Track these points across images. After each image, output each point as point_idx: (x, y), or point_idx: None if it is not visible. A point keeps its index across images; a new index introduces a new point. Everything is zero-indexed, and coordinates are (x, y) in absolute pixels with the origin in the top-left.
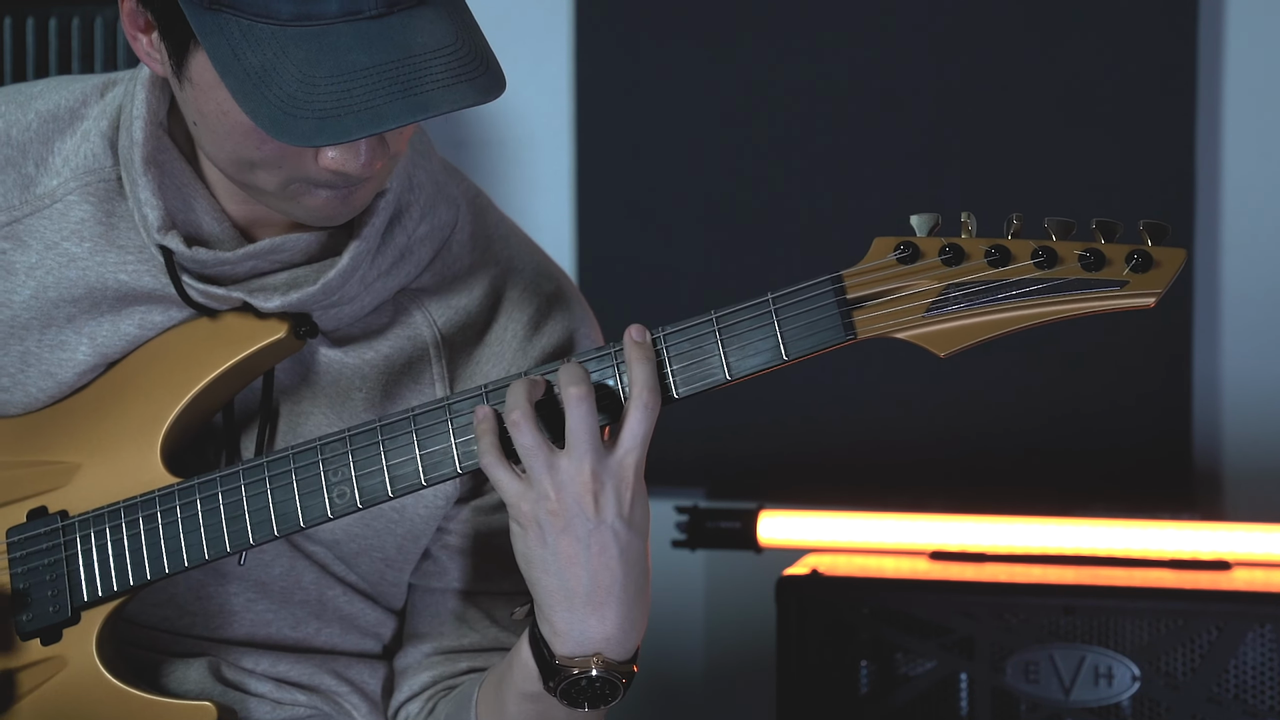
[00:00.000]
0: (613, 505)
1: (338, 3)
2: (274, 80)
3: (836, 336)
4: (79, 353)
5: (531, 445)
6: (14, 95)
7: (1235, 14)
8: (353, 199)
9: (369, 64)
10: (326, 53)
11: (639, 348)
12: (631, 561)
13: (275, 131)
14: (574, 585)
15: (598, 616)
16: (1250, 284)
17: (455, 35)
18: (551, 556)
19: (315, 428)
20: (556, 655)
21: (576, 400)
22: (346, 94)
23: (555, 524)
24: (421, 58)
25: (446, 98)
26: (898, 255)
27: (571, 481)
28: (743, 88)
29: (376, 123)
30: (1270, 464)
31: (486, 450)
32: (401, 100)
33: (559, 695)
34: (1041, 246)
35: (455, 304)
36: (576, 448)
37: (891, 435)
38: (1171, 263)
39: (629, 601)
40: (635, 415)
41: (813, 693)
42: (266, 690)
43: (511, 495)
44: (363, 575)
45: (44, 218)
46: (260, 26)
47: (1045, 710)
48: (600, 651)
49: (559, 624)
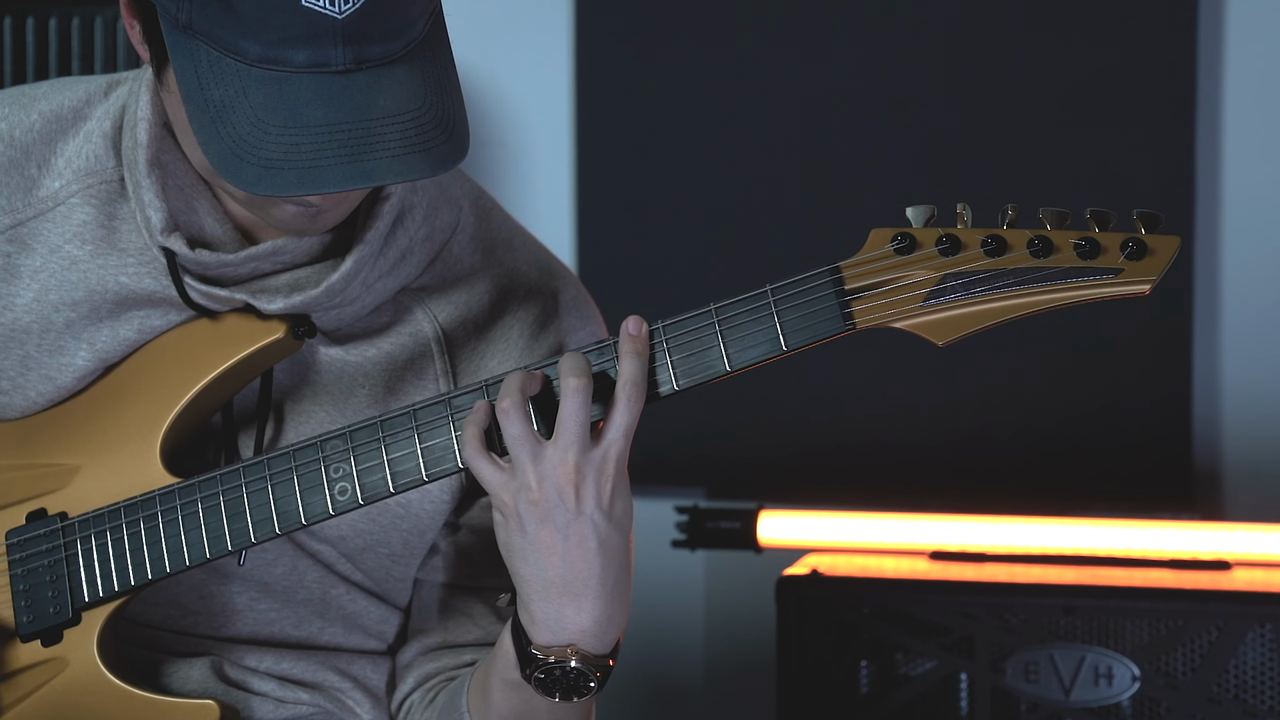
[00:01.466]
0: (592, 497)
1: (305, 53)
2: (230, 118)
3: (835, 327)
4: (78, 358)
5: (519, 435)
6: (17, 96)
7: (1235, 14)
8: (321, 219)
9: (322, 121)
10: (284, 101)
11: (632, 341)
12: (610, 554)
13: (221, 170)
14: (551, 575)
15: (574, 607)
16: (1250, 284)
17: (423, 99)
18: (530, 546)
19: (318, 426)
20: (533, 644)
21: (573, 391)
22: (294, 148)
23: (535, 514)
24: (378, 121)
25: (392, 168)
26: (895, 246)
27: (554, 472)
28: (743, 88)
29: (317, 184)
30: (1270, 464)
31: (468, 440)
32: (347, 165)
33: (533, 684)
34: (1037, 236)
35: (457, 300)
36: (563, 438)
37: (891, 435)
38: (1166, 250)
39: (606, 595)
40: (620, 409)
41: (813, 693)
42: (269, 689)
43: (493, 485)
44: (368, 572)
45: (47, 220)
46: (227, 61)
47: (1045, 710)
48: (575, 643)
49: (536, 613)
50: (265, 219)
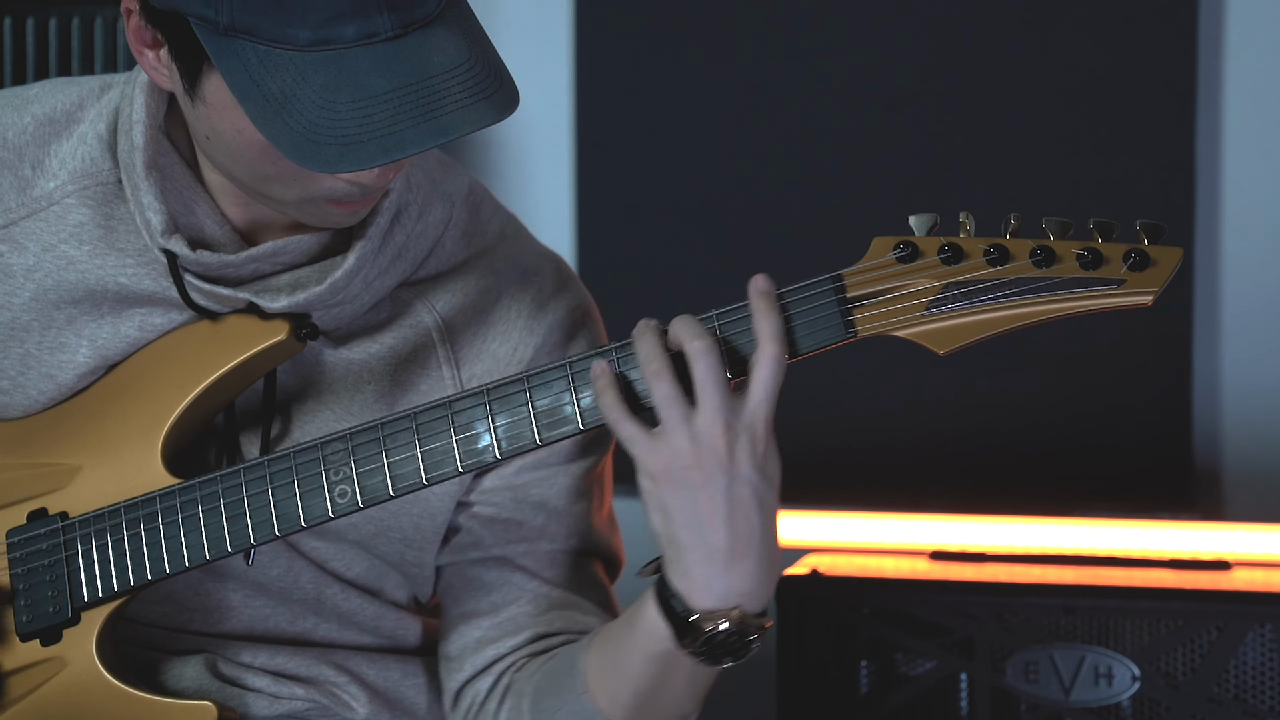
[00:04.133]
0: (748, 458)
1: (354, 27)
2: (294, 107)
3: (837, 335)
4: (79, 355)
5: (672, 396)
6: (10, 99)
7: (1235, 14)
8: (361, 211)
9: (388, 88)
10: (346, 78)
11: (765, 298)
12: (768, 514)
13: (297, 157)
14: (715, 539)
15: (739, 570)
16: (1250, 284)
17: (469, 52)
18: (690, 511)
19: (324, 426)
20: (696, 610)
21: (703, 353)
22: (368, 120)
23: (694, 478)
24: (439, 79)
25: (466, 119)
26: (897, 254)
27: (706, 434)
28: (743, 88)
29: (399, 148)
30: (1270, 464)
31: (611, 405)
32: (423, 124)
33: (695, 652)
34: (1040, 245)
35: (453, 289)
36: (709, 400)
37: (891, 435)
38: (1168, 261)
39: (767, 554)
40: (764, 366)
41: (813, 693)
42: (264, 685)
43: (642, 451)
44: (383, 556)
45: (40, 220)
46: (277, 53)
47: (1045, 710)
48: (740, 605)
49: (699, 579)
50: (306, 220)
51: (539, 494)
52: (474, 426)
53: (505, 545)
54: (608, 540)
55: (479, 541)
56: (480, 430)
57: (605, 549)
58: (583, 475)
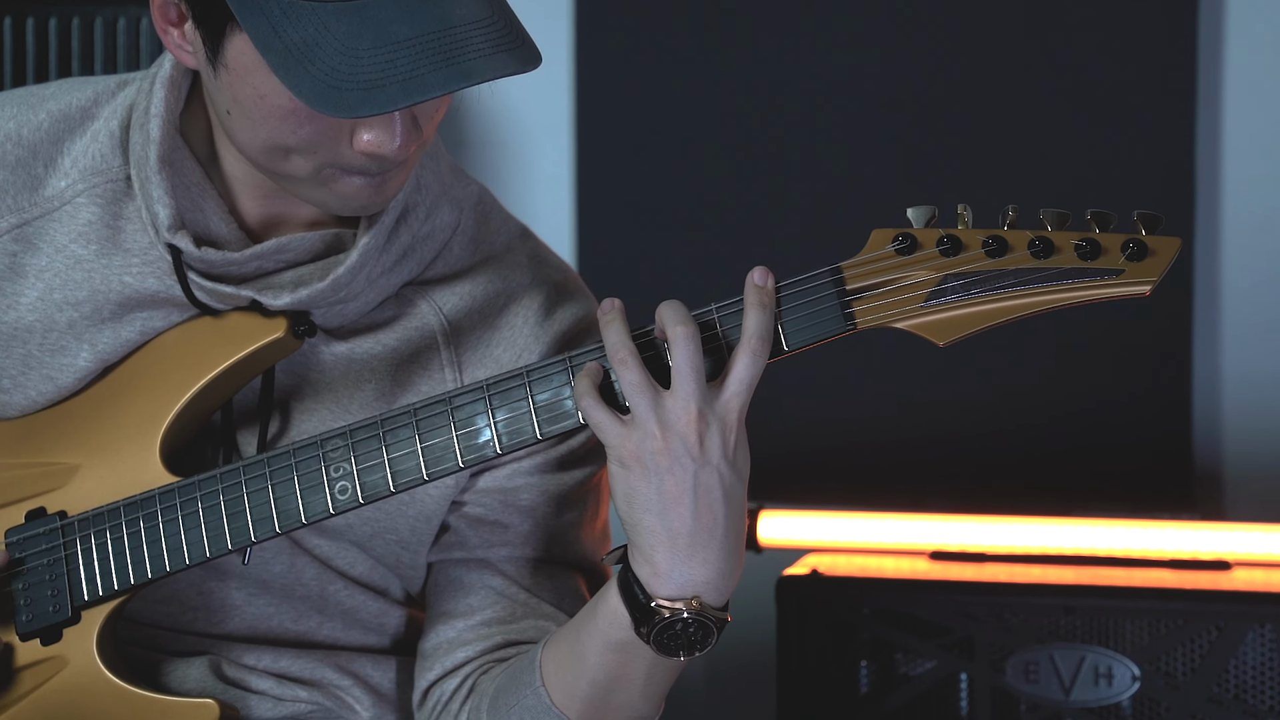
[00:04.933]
0: (717, 447)
1: None
2: (317, 55)
3: (837, 327)
4: (80, 358)
5: (639, 382)
6: (26, 96)
7: (1235, 14)
8: (386, 187)
9: (410, 35)
10: (368, 26)
11: (759, 292)
12: (734, 504)
13: (319, 104)
14: (678, 525)
15: (700, 558)
16: (1250, 283)
17: (490, 10)
18: (656, 496)
19: (323, 423)
20: (655, 598)
21: (684, 339)
22: (390, 64)
23: (661, 463)
24: (461, 29)
25: (488, 66)
26: (896, 246)
27: (677, 420)
28: (743, 87)
29: (421, 90)
30: (1270, 464)
31: (584, 391)
32: (445, 69)
33: (652, 640)
34: (1038, 236)
35: (461, 292)
36: (682, 387)
37: (891, 435)
38: (1166, 251)
39: (730, 546)
40: (743, 360)
41: (813, 693)
42: (267, 687)
43: (612, 436)
44: (379, 558)
45: (53, 220)
46: (300, 4)
47: (1045, 710)
48: (699, 595)
49: (660, 565)
50: (328, 200)
51: (528, 500)
52: (474, 421)
53: (488, 548)
54: (594, 554)
55: (464, 541)
56: (481, 425)
57: (589, 563)
58: (576, 485)
